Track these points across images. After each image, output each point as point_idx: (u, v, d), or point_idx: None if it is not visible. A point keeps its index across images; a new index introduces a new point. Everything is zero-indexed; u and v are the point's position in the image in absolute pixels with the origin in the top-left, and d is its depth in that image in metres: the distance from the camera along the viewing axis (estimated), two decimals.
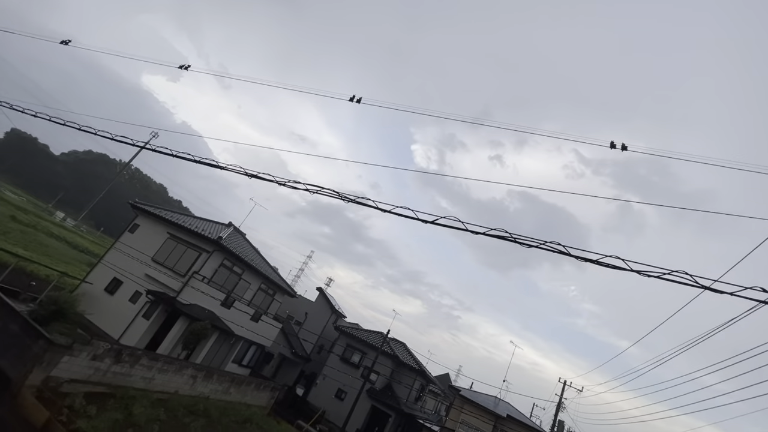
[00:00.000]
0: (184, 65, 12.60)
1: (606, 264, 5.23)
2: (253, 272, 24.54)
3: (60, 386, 12.02)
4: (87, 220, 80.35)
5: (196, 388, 17.93)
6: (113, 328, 19.58)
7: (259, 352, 26.26)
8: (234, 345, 23.68)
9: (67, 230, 55.26)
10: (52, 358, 11.73)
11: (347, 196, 6.71)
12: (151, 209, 24.02)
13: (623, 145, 8.19)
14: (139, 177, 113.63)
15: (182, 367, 17.11)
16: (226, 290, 22.42)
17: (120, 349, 14.19)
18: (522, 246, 5.61)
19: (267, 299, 26.61)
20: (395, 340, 35.26)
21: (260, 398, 22.72)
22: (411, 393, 32.24)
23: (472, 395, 31.19)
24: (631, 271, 5.10)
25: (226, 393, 19.92)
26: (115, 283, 21.51)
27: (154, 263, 21.54)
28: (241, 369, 24.63)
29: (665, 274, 4.94)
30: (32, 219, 45.74)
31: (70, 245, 44.84)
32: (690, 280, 4.89)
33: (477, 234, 5.84)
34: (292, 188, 7.02)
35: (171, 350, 19.33)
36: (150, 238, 22.83)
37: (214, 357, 22.47)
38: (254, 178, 7.29)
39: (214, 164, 7.85)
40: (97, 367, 13.23)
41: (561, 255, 5.53)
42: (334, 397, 30.54)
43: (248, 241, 26.97)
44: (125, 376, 14.42)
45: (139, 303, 20.17)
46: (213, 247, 21.40)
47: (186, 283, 19.97)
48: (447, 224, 6.01)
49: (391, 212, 6.30)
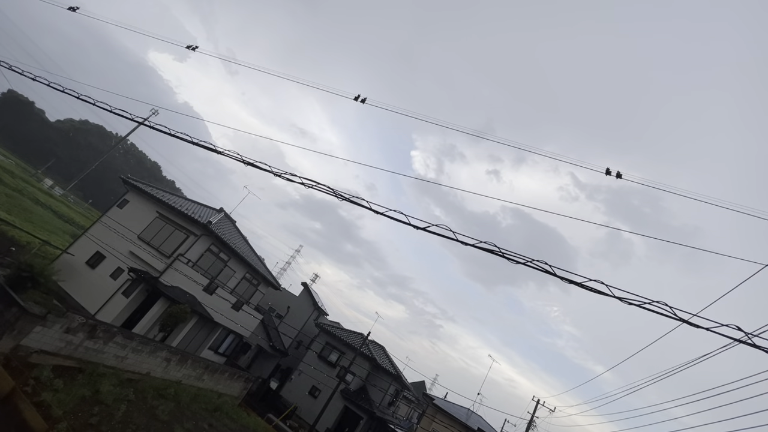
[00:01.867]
0: (192, 46, 12.51)
1: (589, 288, 5.29)
2: (239, 260, 24.34)
3: (29, 356, 11.76)
4: (76, 190, 78.99)
5: (168, 372, 17.68)
6: (91, 302, 19.24)
7: (237, 341, 26.01)
8: (212, 332, 23.42)
9: (54, 199, 54.27)
10: (23, 327, 11.47)
11: (342, 194, 6.70)
12: (142, 186, 23.70)
13: (618, 173, 8.33)
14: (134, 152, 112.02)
15: (157, 349, 16.86)
16: (210, 276, 22.19)
17: (95, 324, 13.93)
18: (510, 261, 5.65)
19: (250, 289, 26.39)
20: (375, 342, 35.19)
21: (233, 388, 22.48)
22: (385, 397, 32.16)
23: (446, 405, 31.22)
24: (613, 297, 5.16)
25: (198, 379, 19.68)
26: (98, 257, 21.16)
27: (140, 241, 21.25)
28: (216, 357, 24.36)
29: (646, 303, 5.01)
30: (19, 183, 44.85)
31: (56, 214, 44.05)
32: (669, 311, 4.96)
33: (466, 245, 5.87)
34: (287, 180, 6.99)
35: (147, 331, 19.06)
36: (138, 215, 22.53)
37: (191, 342, 22.19)
38: (250, 165, 7.25)
39: (211, 148, 7.79)
40: (69, 340, 12.97)
41: (547, 275, 5.58)
42: (307, 394, 30.35)
43: (237, 229, 26.75)
44: (97, 352, 14.16)
45: (120, 280, 19.87)
46: (201, 230, 21.19)
47: (170, 265, 19.73)
48: (438, 232, 6.03)
49: (384, 214, 6.30)
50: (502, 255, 5.65)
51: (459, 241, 5.88)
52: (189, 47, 12.59)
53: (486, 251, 5.74)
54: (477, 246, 5.80)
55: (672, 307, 4.96)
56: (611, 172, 8.44)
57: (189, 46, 12.61)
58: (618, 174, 8.34)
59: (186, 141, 7.97)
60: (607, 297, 5.27)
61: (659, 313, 4.95)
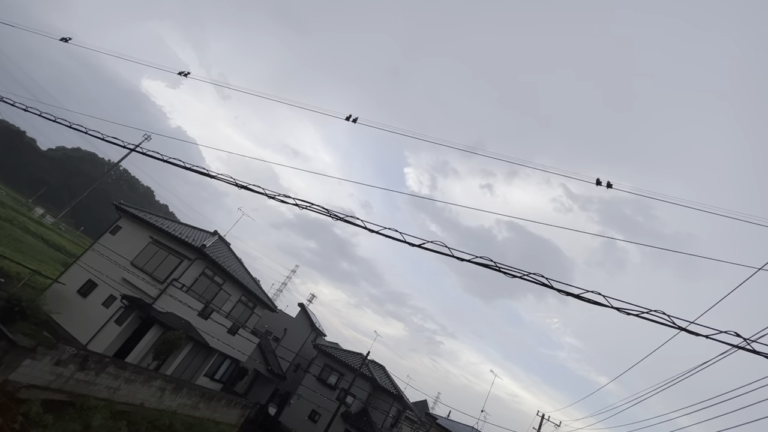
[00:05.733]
0: (184, 72, 12.67)
1: (587, 299, 5.29)
2: (235, 283, 24.02)
3: (17, 391, 11.37)
4: (67, 218, 78.16)
5: (163, 402, 17.16)
6: (82, 332, 18.77)
7: (234, 366, 25.39)
8: (208, 358, 22.87)
9: (45, 227, 53.59)
10: (12, 361, 11.14)
11: (336, 213, 6.70)
12: (135, 211, 23.53)
13: (608, 183, 8.46)
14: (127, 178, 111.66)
15: (151, 378, 16.40)
16: (205, 300, 21.84)
17: (87, 354, 13.57)
18: (506, 276, 5.65)
19: (246, 312, 25.97)
20: (374, 362, 34.55)
21: (230, 416, 21.82)
22: (387, 419, 31.37)
23: (449, 424, 30.51)
24: (611, 307, 5.16)
25: (194, 408, 19.10)
26: (90, 286, 20.77)
27: (133, 267, 20.94)
28: (213, 383, 23.72)
29: (644, 312, 5.01)
30: (9, 213, 44.32)
31: (47, 243, 43.41)
32: (667, 320, 4.96)
33: (463, 261, 5.87)
34: (281, 202, 6.99)
35: (141, 359, 18.56)
36: (131, 241, 22.28)
37: (186, 369, 21.63)
38: (244, 189, 7.25)
39: (204, 172, 7.79)
40: (60, 373, 12.59)
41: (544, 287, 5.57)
42: (307, 419, 29.51)
43: (232, 251, 26.52)
44: (89, 384, 13.74)
45: (113, 308, 19.46)
46: (195, 254, 20.96)
47: (164, 290, 19.41)
48: (434, 249, 6.02)
49: (379, 233, 6.30)
50: (499, 269, 5.65)
51: (456, 257, 5.88)
52: (181, 73, 12.75)
53: (482, 266, 5.74)
54: (473, 261, 5.79)
55: (670, 316, 4.96)
56: (602, 182, 8.58)
57: (181, 72, 12.77)
58: (608, 184, 8.47)
59: (179, 166, 7.97)
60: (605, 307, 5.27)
61: (657, 322, 4.95)
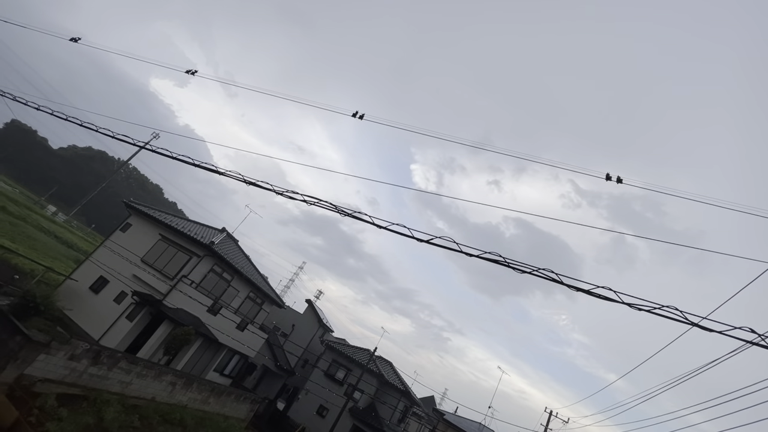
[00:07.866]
0: (192, 70, 12.74)
1: (597, 294, 5.24)
2: (243, 280, 24.24)
3: (33, 385, 11.63)
4: (79, 216, 79.39)
5: (174, 396, 17.42)
6: (95, 327, 19.11)
7: (243, 362, 25.69)
8: (217, 353, 23.16)
9: (58, 225, 54.50)
10: (27, 356, 11.38)
11: (344, 209, 6.71)
12: (144, 209, 23.82)
13: (618, 178, 8.32)
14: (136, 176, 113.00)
15: (162, 373, 16.66)
16: (214, 296, 22.07)
17: (99, 350, 13.82)
18: (515, 271, 5.61)
19: (255, 308, 26.20)
20: (382, 358, 34.68)
21: (239, 410, 22.09)
22: (394, 414, 31.52)
23: (457, 420, 30.57)
24: (622, 303, 5.10)
25: (204, 403, 19.37)
26: (101, 282, 21.12)
27: (144, 264, 21.23)
28: (222, 378, 24.02)
29: (656, 308, 4.94)
30: (23, 211, 45.14)
31: (59, 240, 44.16)
32: (680, 316, 4.89)
33: (471, 256, 5.84)
34: (289, 198, 7.02)
35: (152, 355, 18.86)
36: (141, 238, 22.57)
37: (196, 364, 21.93)
38: (252, 185, 7.29)
39: (212, 169, 7.85)
40: (74, 367, 12.84)
41: (553, 283, 5.53)
42: (315, 414, 29.77)
43: (240, 248, 26.73)
44: (102, 378, 14.00)
45: (124, 304, 19.78)
46: (204, 251, 21.18)
47: (174, 287, 19.65)
48: (442, 245, 6.01)
49: (386, 228, 6.29)
50: (507, 265, 5.61)
51: (464, 253, 5.85)
52: (189, 72, 12.83)
53: (491, 261, 5.71)
54: (482, 257, 5.77)
55: (682, 311, 4.89)
56: (611, 177, 8.43)
57: (189, 71, 12.85)
58: (618, 179, 8.32)
59: (187, 163, 8.04)
60: (615, 303, 5.21)
61: (670, 318, 4.88)
